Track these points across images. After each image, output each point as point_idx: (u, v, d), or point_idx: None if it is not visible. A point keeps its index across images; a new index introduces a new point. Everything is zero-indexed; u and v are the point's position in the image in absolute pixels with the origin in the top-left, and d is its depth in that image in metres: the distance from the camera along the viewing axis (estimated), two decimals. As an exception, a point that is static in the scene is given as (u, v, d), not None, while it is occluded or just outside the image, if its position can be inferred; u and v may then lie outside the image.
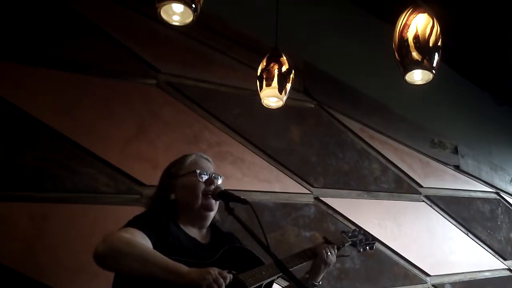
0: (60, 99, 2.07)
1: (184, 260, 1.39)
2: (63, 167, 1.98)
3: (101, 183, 2.06)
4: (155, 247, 1.42)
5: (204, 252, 1.53)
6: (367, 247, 2.02)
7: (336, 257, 1.85)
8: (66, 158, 2.00)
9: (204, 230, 1.67)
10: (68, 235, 1.89)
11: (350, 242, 1.97)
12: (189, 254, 1.44)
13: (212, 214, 1.66)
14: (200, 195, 1.61)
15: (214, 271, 1.34)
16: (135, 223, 1.48)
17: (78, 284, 1.87)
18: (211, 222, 1.70)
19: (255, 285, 1.48)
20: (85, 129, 2.08)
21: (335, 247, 1.85)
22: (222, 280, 1.33)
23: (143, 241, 1.41)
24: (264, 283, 1.52)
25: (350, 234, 2.00)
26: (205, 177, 1.65)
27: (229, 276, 1.36)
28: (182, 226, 1.60)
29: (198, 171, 1.65)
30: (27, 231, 1.84)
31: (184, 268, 1.35)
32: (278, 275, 1.56)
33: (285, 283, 1.97)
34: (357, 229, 2.07)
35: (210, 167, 1.72)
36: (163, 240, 1.46)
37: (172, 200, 1.63)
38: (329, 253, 1.78)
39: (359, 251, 2.02)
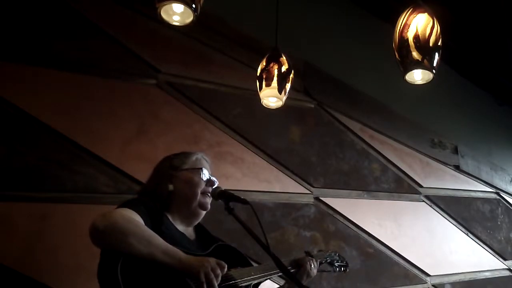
0: (60, 99, 2.07)
1: (181, 249, 1.39)
2: (63, 167, 1.98)
3: (101, 183, 2.06)
4: None
5: (192, 247, 1.53)
6: (342, 269, 2.05)
7: (318, 271, 1.87)
8: (66, 158, 2.00)
9: (191, 228, 1.68)
10: (68, 235, 1.89)
11: (329, 260, 2.00)
12: (179, 246, 1.43)
13: (204, 213, 1.67)
14: (199, 192, 1.62)
15: (213, 260, 1.35)
16: (131, 204, 1.46)
17: (78, 284, 1.87)
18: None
19: (244, 284, 1.48)
20: (85, 129, 2.08)
21: (318, 261, 1.87)
22: (219, 270, 1.33)
23: (141, 222, 1.40)
24: (253, 283, 1.53)
25: (327, 253, 2.03)
26: (206, 176, 1.66)
27: (225, 269, 1.36)
28: (171, 219, 1.59)
29: (203, 169, 1.66)
30: (27, 231, 1.83)
31: (183, 254, 1.35)
32: (266, 277, 1.58)
33: (280, 282, 1.98)
34: (334, 251, 2.10)
35: (209, 169, 1.73)
36: (156, 227, 1.45)
37: (169, 191, 1.62)
38: (312, 266, 1.79)
39: (334, 271, 2.04)
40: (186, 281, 1.33)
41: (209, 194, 1.63)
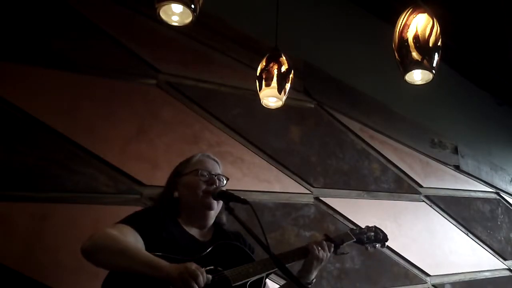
0: (60, 99, 2.07)
1: (168, 256, 1.40)
2: (63, 167, 1.98)
3: (101, 183, 2.06)
4: (147, 242, 1.44)
5: (199, 250, 1.53)
6: (377, 245, 1.97)
7: (336, 254, 1.84)
8: (66, 158, 2.00)
9: (206, 230, 1.68)
10: (68, 235, 1.89)
11: (354, 240, 1.92)
12: (181, 250, 1.45)
13: (212, 213, 1.66)
14: (201, 193, 1.62)
15: (191, 265, 1.34)
16: (128, 219, 1.51)
17: (78, 284, 1.87)
18: (216, 222, 1.71)
19: (240, 282, 1.47)
20: (85, 129, 2.08)
21: (332, 244, 1.82)
22: (197, 273, 1.32)
23: (132, 237, 1.44)
24: (250, 281, 1.51)
25: (357, 232, 1.96)
26: (206, 177, 1.65)
27: (208, 277, 1.35)
28: (182, 225, 1.61)
29: (199, 170, 1.65)
30: (27, 231, 1.84)
31: (163, 263, 1.36)
32: (266, 273, 1.56)
33: (280, 282, 1.97)
34: (369, 227, 2.01)
35: (217, 168, 1.73)
36: (157, 235, 1.47)
37: (174, 198, 1.65)
38: (320, 249, 1.75)
39: (367, 249, 1.96)
40: None
41: (211, 194, 1.62)
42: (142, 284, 1.34)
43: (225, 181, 1.70)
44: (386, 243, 2.00)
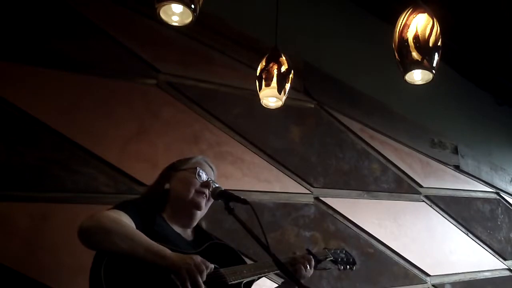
0: (60, 99, 2.07)
1: (169, 247, 1.39)
2: (63, 167, 1.98)
3: (101, 183, 2.05)
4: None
5: (186, 246, 1.53)
6: (348, 267, 2.03)
7: (317, 269, 1.85)
8: (66, 158, 2.00)
9: (189, 230, 1.68)
10: (68, 235, 1.87)
11: (331, 258, 1.98)
12: (172, 245, 1.44)
13: (199, 214, 1.66)
14: (193, 191, 1.62)
15: (197, 258, 1.35)
16: (122, 206, 1.49)
17: (78, 284, 1.86)
18: (197, 224, 1.72)
19: (235, 282, 1.48)
20: (85, 129, 2.08)
21: (316, 258, 1.83)
22: (203, 267, 1.33)
23: (129, 222, 1.42)
24: (244, 282, 1.52)
25: (332, 251, 2.01)
26: (203, 178, 1.66)
27: (211, 267, 1.36)
28: (167, 220, 1.61)
29: (198, 169, 1.66)
30: (27, 231, 1.83)
31: (167, 251, 1.36)
32: (259, 276, 1.58)
33: (279, 281, 1.98)
34: (340, 248, 2.08)
35: (212, 175, 1.74)
36: (148, 227, 1.46)
37: (165, 189, 1.65)
38: (308, 267, 1.75)
39: (339, 269, 2.03)
40: (171, 278, 1.32)
41: (205, 195, 1.63)
42: (141, 270, 1.32)
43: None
44: (354, 267, 2.06)
